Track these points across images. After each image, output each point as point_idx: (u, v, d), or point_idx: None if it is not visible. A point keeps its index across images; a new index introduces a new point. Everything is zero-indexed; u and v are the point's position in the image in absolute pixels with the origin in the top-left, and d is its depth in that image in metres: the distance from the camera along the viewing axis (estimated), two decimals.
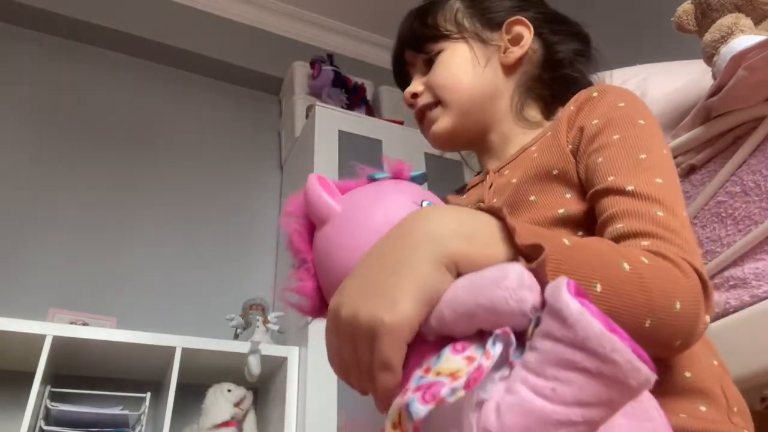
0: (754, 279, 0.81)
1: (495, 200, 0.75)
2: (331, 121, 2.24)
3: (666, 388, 0.54)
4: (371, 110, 2.61)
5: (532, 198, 0.68)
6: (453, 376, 0.36)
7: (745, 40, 0.88)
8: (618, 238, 0.56)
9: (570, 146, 0.68)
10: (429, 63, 0.82)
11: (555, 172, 0.67)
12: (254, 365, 1.80)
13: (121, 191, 2.22)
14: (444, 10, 0.83)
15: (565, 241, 0.47)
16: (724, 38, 0.91)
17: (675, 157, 0.96)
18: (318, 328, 1.64)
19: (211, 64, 2.60)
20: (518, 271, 0.38)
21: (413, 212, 0.47)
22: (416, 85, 0.83)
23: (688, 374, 0.55)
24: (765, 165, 0.83)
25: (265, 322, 2.00)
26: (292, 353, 1.88)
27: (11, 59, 2.30)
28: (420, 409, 0.34)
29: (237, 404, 1.84)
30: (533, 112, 0.82)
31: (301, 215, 0.55)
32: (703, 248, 0.89)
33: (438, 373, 0.37)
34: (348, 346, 0.43)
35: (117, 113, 2.39)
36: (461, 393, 0.34)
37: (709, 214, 0.89)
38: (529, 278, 0.38)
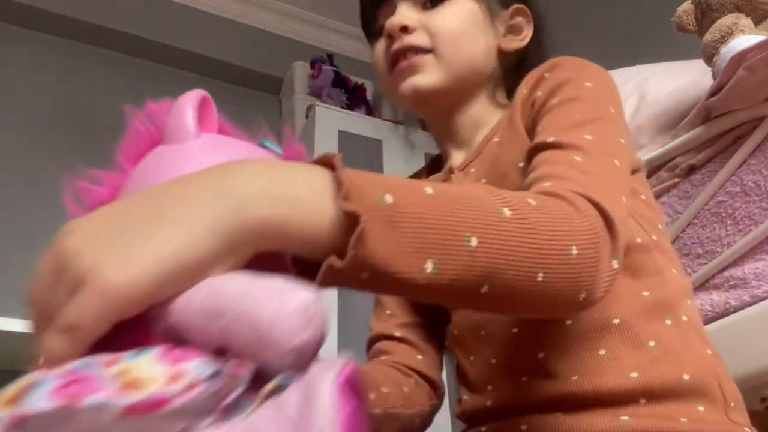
0: (754, 279, 0.81)
1: None
2: (331, 121, 2.24)
3: (666, 393, 0.53)
4: (371, 110, 2.61)
5: None
6: (131, 386, 0.25)
7: (745, 40, 0.88)
8: (527, 187, 0.50)
9: (525, 128, 0.64)
10: (433, 1, 0.71)
11: (521, 164, 0.61)
12: None
13: None
14: None
15: (428, 189, 0.38)
16: (724, 38, 0.91)
17: (674, 158, 0.96)
18: None
19: (211, 64, 2.60)
20: (301, 301, 0.28)
21: (222, 164, 0.34)
22: (410, 17, 0.69)
23: (686, 377, 0.54)
24: (765, 165, 0.83)
25: None
26: None
27: (11, 59, 2.30)
28: (38, 403, 0.24)
29: None
30: (501, 98, 0.76)
31: (159, 123, 0.44)
32: (704, 248, 0.89)
33: (118, 374, 0.26)
34: (49, 281, 0.30)
35: (117, 113, 2.40)
36: (113, 410, 0.24)
37: (709, 214, 0.89)
38: (313, 311, 0.28)
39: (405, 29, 0.68)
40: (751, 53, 0.82)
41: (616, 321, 0.56)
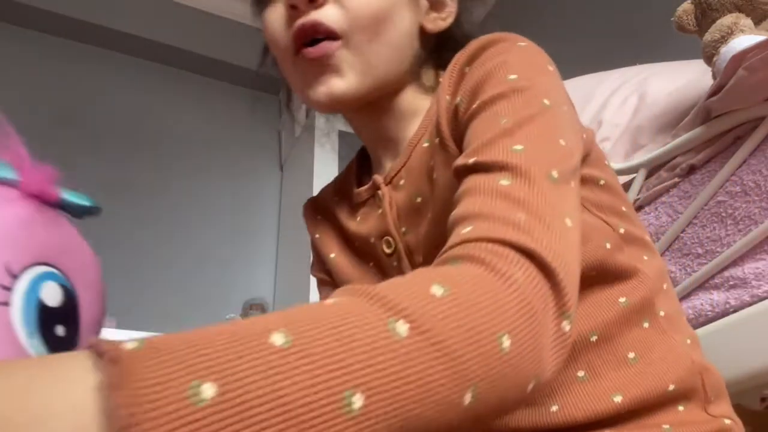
0: (754, 279, 0.81)
1: (405, 230, 0.59)
2: (331, 121, 2.24)
3: (650, 406, 0.51)
4: None
5: None
6: None
7: (745, 40, 0.88)
8: (450, 231, 0.40)
9: (456, 143, 0.54)
10: None
11: None
12: None
13: (121, 191, 2.22)
14: None
15: (276, 338, 0.25)
16: (724, 38, 0.91)
17: (674, 158, 0.96)
18: None
19: (211, 64, 2.60)
20: None
21: None
22: None
23: (671, 387, 0.51)
24: (765, 165, 0.83)
25: None
26: None
27: (11, 59, 2.30)
28: None
29: None
30: (428, 74, 0.64)
31: None
32: (704, 248, 0.89)
33: None
34: None
35: (117, 113, 2.40)
36: None
37: (709, 214, 0.89)
38: None
39: (313, 2, 0.55)
40: (751, 53, 0.82)
41: (594, 338, 0.51)
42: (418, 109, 0.62)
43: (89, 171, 2.21)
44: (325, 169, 2.04)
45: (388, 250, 0.61)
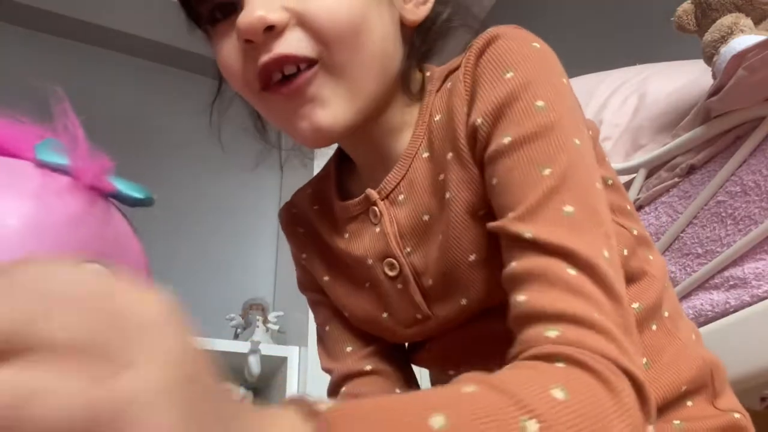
0: (754, 279, 0.81)
1: (409, 251, 0.54)
2: None
3: (664, 408, 0.50)
4: None
5: (473, 258, 0.49)
6: None
7: (745, 40, 0.88)
8: (522, 323, 0.40)
9: (476, 164, 0.49)
10: None
11: (481, 212, 0.48)
12: (254, 365, 1.80)
13: None
14: None
15: (436, 421, 0.28)
16: (724, 38, 0.91)
17: (674, 158, 0.96)
18: None
19: (211, 64, 2.60)
20: None
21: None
22: (273, 11, 0.46)
23: (684, 388, 0.51)
24: (765, 165, 0.83)
25: (265, 322, 2.00)
26: (292, 353, 1.88)
27: (11, 59, 2.30)
28: None
29: None
30: (415, 81, 0.57)
31: None
32: (703, 248, 0.89)
33: None
34: None
35: (116, 113, 2.40)
36: None
37: (709, 214, 0.89)
38: None
39: (272, 29, 0.46)
40: (751, 53, 0.82)
41: None
42: (405, 121, 0.55)
43: None
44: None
45: (391, 273, 0.55)
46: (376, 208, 0.55)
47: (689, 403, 0.52)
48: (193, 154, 2.44)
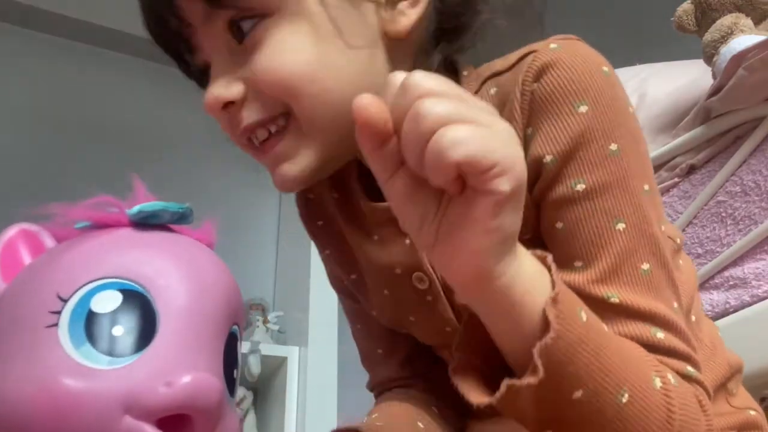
0: (754, 279, 0.81)
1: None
2: None
3: None
4: None
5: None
6: None
7: (745, 40, 0.88)
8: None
9: (529, 194, 0.46)
10: (241, 34, 0.46)
11: (526, 237, 0.45)
12: (254, 365, 1.80)
13: (120, 191, 2.22)
14: None
15: (604, 327, 0.39)
16: (724, 38, 0.91)
17: (674, 158, 0.96)
18: (319, 328, 1.61)
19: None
20: None
21: None
22: (229, 85, 0.48)
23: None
24: (765, 165, 0.83)
25: (265, 322, 2.00)
26: (292, 353, 1.88)
27: (11, 59, 2.30)
28: None
29: (237, 404, 1.84)
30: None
31: None
32: (703, 248, 0.89)
33: None
34: None
35: (117, 113, 2.40)
36: None
37: (709, 214, 0.89)
38: None
39: (229, 105, 0.48)
40: (751, 53, 0.82)
41: None
42: None
43: (89, 170, 2.21)
44: None
45: (420, 286, 0.53)
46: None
47: None
48: (193, 153, 2.44)
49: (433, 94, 0.31)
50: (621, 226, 0.43)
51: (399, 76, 0.32)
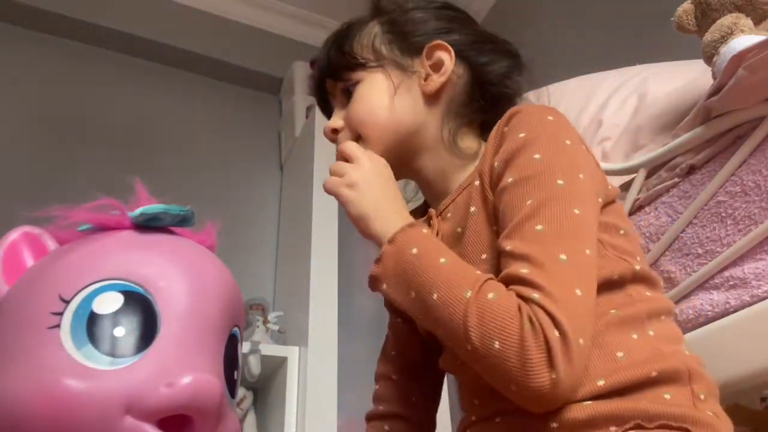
0: (754, 279, 0.81)
1: None
2: None
3: (633, 388, 0.57)
4: None
5: (484, 256, 0.67)
6: None
7: (745, 40, 0.88)
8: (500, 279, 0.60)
9: (493, 193, 0.68)
10: (348, 94, 0.78)
11: (494, 227, 0.67)
12: (254, 365, 1.80)
13: (120, 191, 2.22)
14: (362, 36, 0.79)
15: (441, 259, 0.61)
16: (724, 38, 0.91)
17: (674, 158, 0.96)
18: (319, 328, 1.62)
19: (211, 64, 2.60)
20: None
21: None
22: (336, 120, 0.79)
23: (654, 373, 0.57)
24: (765, 165, 0.83)
25: (265, 322, 2.00)
26: (292, 353, 1.88)
27: (11, 59, 2.30)
28: None
29: (237, 404, 1.84)
30: (468, 142, 0.78)
31: None
32: (703, 248, 0.89)
33: None
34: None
35: (117, 113, 2.40)
36: None
37: (709, 214, 0.89)
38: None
39: (336, 131, 0.79)
40: (751, 53, 0.82)
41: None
42: (456, 170, 0.77)
43: (89, 170, 2.21)
44: (325, 168, 2.04)
45: None
46: (432, 222, 0.76)
47: (666, 396, 0.56)
48: (193, 153, 2.44)
49: (346, 155, 0.74)
50: (528, 201, 0.61)
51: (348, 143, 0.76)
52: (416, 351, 0.85)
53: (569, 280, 0.56)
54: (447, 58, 0.76)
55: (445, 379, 0.88)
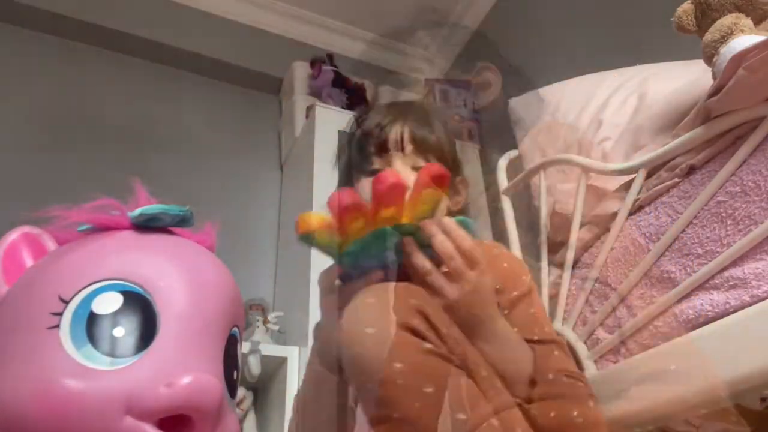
0: (754, 279, 0.81)
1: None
2: (331, 121, 2.24)
3: None
4: None
5: None
6: None
7: (745, 40, 0.88)
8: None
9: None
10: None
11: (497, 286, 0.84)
12: (254, 365, 1.80)
13: (120, 191, 2.22)
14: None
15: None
16: (724, 38, 0.91)
17: (674, 158, 0.96)
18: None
19: (211, 64, 2.60)
20: None
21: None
22: (405, 175, 0.85)
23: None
24: (765, 165, 0.83)
25: (265, 322, 2.00)
26: (292, 353, 1.88)
27: (11, 59, 2.30)
28: None
29: (237, 404, 1.84)
30: None
31: None
32: (703, 248, 0.89)
33: None
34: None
35: (117, 113, 2.40)
36: None
37: (709, 214, 0.89)
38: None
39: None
40: (751, 53, 0.82)
41: None
42: None
43: (89, 170, 2.21)
44: (325, 169, 2.04)
45: None
46: None
47: None
48: (193, 153, 2.44)
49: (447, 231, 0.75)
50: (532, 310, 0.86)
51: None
52: None
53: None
54: (463, 189, 1.01)
55: None
